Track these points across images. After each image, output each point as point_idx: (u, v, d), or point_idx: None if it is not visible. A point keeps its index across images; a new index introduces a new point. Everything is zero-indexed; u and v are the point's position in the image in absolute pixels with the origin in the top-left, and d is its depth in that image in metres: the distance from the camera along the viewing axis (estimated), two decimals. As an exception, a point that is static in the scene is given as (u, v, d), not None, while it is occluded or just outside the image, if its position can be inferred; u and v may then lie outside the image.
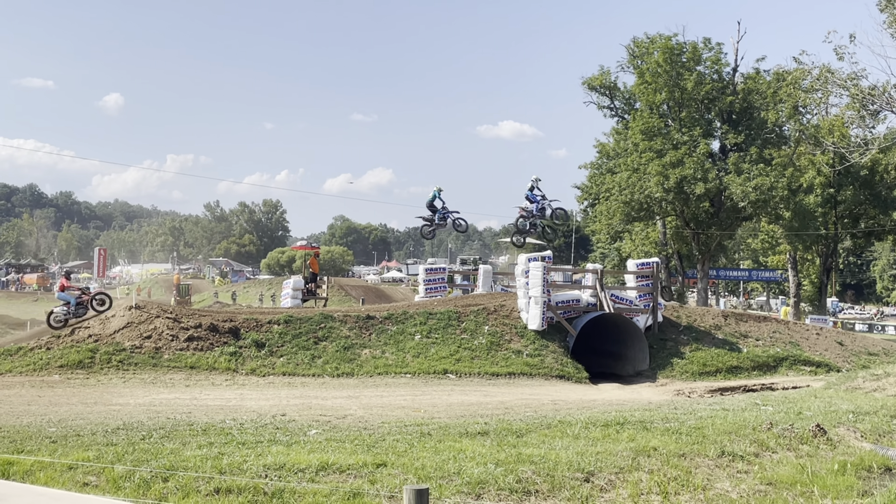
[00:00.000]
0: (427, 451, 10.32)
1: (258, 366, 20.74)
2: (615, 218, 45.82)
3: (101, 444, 10.65)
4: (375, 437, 11.55)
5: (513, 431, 11.98)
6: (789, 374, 25.19)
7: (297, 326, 22.84)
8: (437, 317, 24.60)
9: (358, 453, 10.11)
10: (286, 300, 33.34)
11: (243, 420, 13.27)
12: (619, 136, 49.73)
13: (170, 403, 15.68)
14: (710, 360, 25.33)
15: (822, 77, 42.27)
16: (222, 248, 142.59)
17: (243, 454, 9.91)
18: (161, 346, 20.75)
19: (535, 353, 23.53)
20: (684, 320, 28.01)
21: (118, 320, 21.53)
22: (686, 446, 10.77)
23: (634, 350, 25.67)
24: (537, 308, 24.65)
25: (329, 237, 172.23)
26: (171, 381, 18.92)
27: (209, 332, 21.69)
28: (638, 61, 47.15)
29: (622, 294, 27.88)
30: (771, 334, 28.21)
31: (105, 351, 20.02)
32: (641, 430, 12.02)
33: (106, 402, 15.57)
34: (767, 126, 43.51)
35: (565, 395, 19.78)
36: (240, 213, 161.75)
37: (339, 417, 14.11)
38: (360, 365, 21.57)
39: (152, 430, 11.86)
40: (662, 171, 41.21)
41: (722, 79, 44.92)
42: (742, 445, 11.04)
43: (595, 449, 10.51)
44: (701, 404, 16.42)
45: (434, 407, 16.32)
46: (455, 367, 22.06)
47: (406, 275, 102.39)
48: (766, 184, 40.24)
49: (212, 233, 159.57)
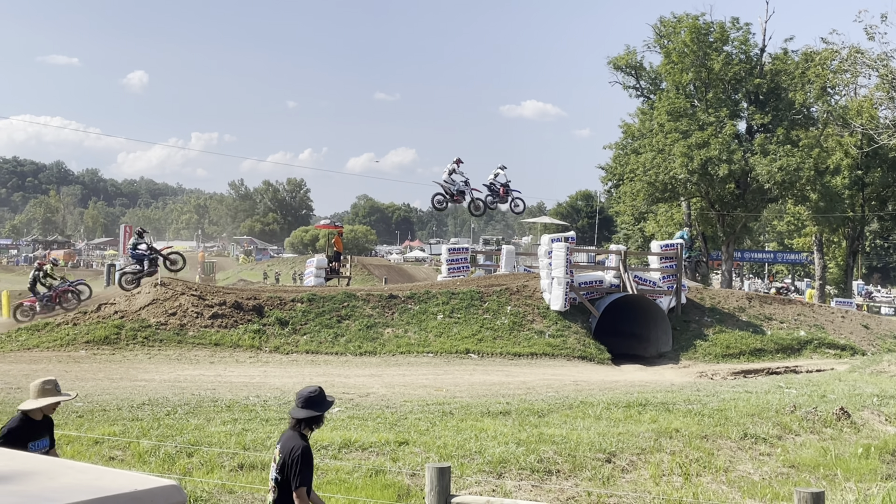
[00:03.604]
0: (449, 430, 10.37)
1: (282, 343, 20.87)
2: (639, 199, 45.49)
3: (127, 419, 10.78)
4: (398, 415, 11.60)
5: (534, 411, 12.00)
6: (813, 356, 25.03)
7: (320, 305, 22.93)
8: (459, 297, 24.61)
9: (380, 431, 10.17)
10: (309, 279, 33.50)
11: (267, 397, 13.38)
12: (644, 116, 49.27)
13: (194, 380, 15.83)
14: (734, 342, 25.20)
15: (852, 57, 41.75)
16: (246, 226, 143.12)
17: (267, 430, 10.00)
18: (186, 322, 20.90)
19: (557, 333, 23.51)
20: (708, 302, 27.86)
21: (143, 297, 21.70)
22: (708, 428, 10.75)
23: (657, 331, 25.58)
24: (560, 289, 24.58)
25: (352, 216, 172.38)
26: (196, 358, 19.08)
27: (233, 310, 21.82)
28: (664, 41, 46.64)
29: (646, 275, 27.74)
30: (795, 317, 28.01)
31: (131, 327, 20.20)
32: (664, 411, 12.00)
33: (131, 378, 15.74)
34: (795, 107, 42.96)
35: (587, 375, 19.78)
36: (264, 192, 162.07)
37: (362, 395, 14.19)
38: (382, 344, 21.65)
39: (177, 405, 11.98)
40: (687, 151, 40.83)
41: (749, 59, 44.36)
42: (765, 428, 11.01)
43: (617, 430, 10.51)
44: (724, 386, 16.37)
45: (456, 386, 16.38)
46: (477, 347, 22.08)
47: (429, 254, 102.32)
48: (793, 165, 39.79)
49: (236, 211, 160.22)
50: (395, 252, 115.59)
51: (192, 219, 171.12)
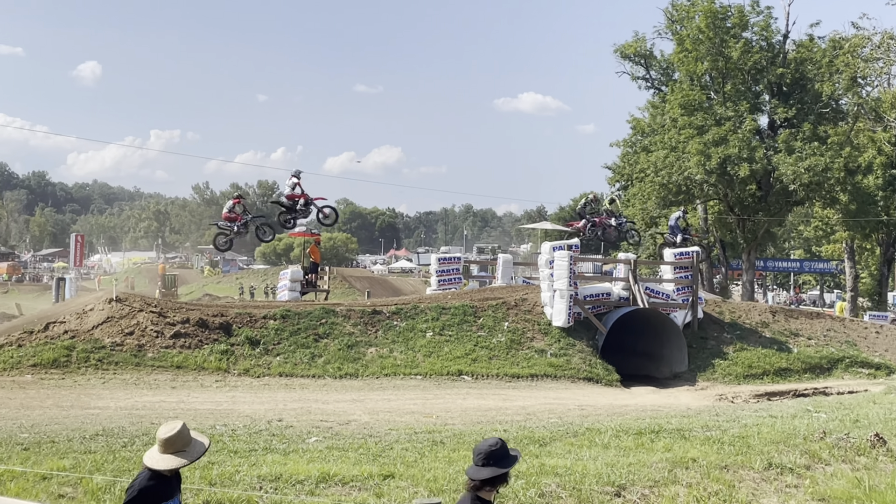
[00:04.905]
0: (439, 462, 10.34)
1: (252, 365, 20.81)
2: (650, 202, 45.62)
3: (79, 451, 10.71)
4: (382, 445, 11.58)
5: (535, 440, 11.99)
6: (845, 376, 25.10)
7: (295, 322, 22.88)
8: (450, 312, 24.61)
9: (363, 463, 10.13)
10: (283, 293, 33.42)
11: (235, 426, 13.32)
12: (655, 110, 49.49)
13: (154, 407, 15.75)
14: (757, 360, 25.25)
15: (885, 44, 42.03)
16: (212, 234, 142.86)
17: (235, 463, 9.95)
18: (144, 343, 20.83)
19: (560, 352, 23.52)
20: (727, 316, 27.93)
21: (97, 315, 21.62)
22: (729, 457, 10.75)
23: (671, 349, 25.62)
24: (563, 302, 24.61)
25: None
26: (156, 382, 19.00)
27: (198, 328, 21.77)
28: (677, 26, 46.85)
29: (658, 287, 27.80)
30: (824, 333, 28.09)
31: (82, 348, 20.11)
32: (679, 438, 12.01)
33: (83, 405, 15.65)
34: (822, 99, 43.15)
35: (594, 399, 19.78)
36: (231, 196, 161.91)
37: (342, 423, 14.16)
38: (365, 365, 21.61)
39: (135, 436, 11.92)
40: (704, 149, 40.97)
41: (771, 47, 44.56)
42: (791, 457, 11.02)
43: (627, 460, 10.51)
44: (746, 410, 16.40)
45: (447, 412, 16.35)
46: (471, 368, 22.08)
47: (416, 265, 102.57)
48: (821, 164, 39.93)
49: (201, 217, 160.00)
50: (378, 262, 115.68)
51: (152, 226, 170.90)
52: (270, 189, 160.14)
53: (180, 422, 5.52)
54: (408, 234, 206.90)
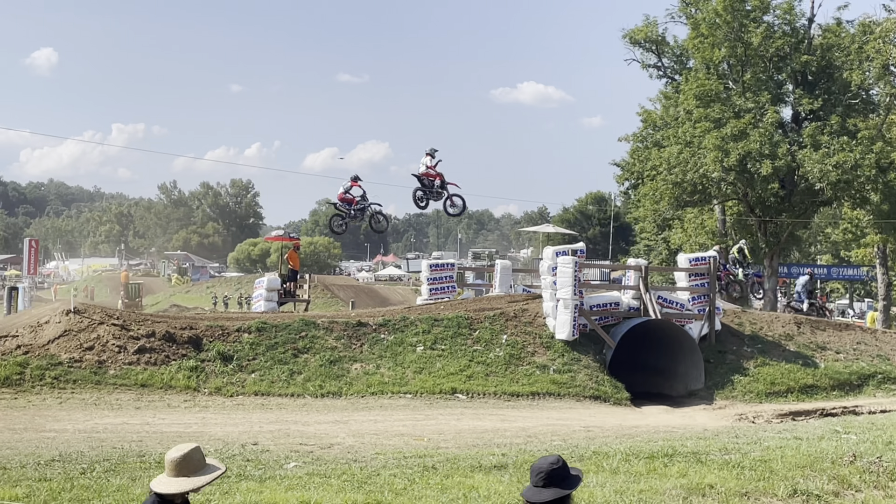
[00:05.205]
0: (431, 489, 10.34)
1: (224, 383, 20.78)
2: (663, 202, 45.69)
3: (33, 479, 10.69)
4: (368, 471, 11.57)
5: (536, 465, 11.98)
6: (877, 394, 25.14)
7: (272, 335, 22.86)
8: (443, 324, 24.60)
9: (346, 491, 10.13)
10: (259, 303, 33.40)
11: (206, 450, 13.29)
12: (668, 101, 49.52)
13: (116, 429, 15.73)
14: (780, 377, 25.27)
15: (919, 29, 42.12)
16: (181, 238, 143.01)
17: (206, 491, 9.94)
18: (105, 359, 20.78)
19: (563, 368, 23.52)
20: (748, 328, 27.95)
21: (53, 328, 21.57)
22: (750, 483, 10.76)
23: (686, 365, 25.63)
24: (567, 313, 24.61)
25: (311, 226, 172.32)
26: (118, 402, 18.96)
27: (164, 343, 21.72)
28: (692, 9, 46.94)
29: (671, 296, 27.81)
30: (854, 346, 28.12)
31: (37, 365, 20.05)
32: (695, 463, 12.02)
33: (38, 428, 15.62)
34: (851, 89, 43.22)
35: (601, 419, 19.79)
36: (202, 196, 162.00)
37: (324, 447, 14.15)
38: (349, 383, 21.59)
39: (94, 462, 11.90)
40: (722, 144, 41.02)
41: (795, 32, 44.65)
42: (818, 482, 11.03)
43: (638, 486, 10.52)
44: (768, 432, 16.42)
45: (440, 434, 16.35)
46: (465, 386, 22.06)
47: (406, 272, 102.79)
48: (850, 160, 39.99)
49: (168, 220, 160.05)
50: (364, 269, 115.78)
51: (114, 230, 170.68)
52: (245, 188, 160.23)
53: (193, 444, 5.53)
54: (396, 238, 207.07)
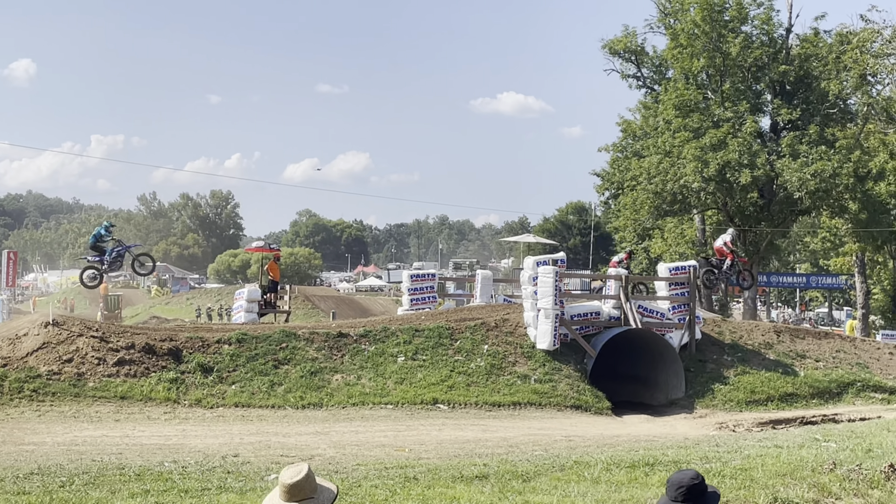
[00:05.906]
0: (413, 500, 10.32)
1: (204, 395, 20.69)
2: (643, 212, 45.88)
3: (11, 492, 10.61)
4: (349, 482, 11.54)
5: (518, 475, 11.99)
6: (856, 402, 25.25)
7: (252, 347, 22.78)
8: (424, 334, 24.58)
9: (327, 502, 10.08)
10: (239, 314, 33.30)
11: (186, 462, 13.25)
12: (647, 111, 49.78)
13: (95, 442, 15.64)
14: (760, 385, 25.34)
15: (896, 39, 42.44)
16: (160, 249, 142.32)
17: (186, 504, 9.90)
18: (85, 371, 20.67)
19: (545, 377, 23.53)
20: (728, 337, 28.03)
21: (31, 340, 21.44)
22: (730, 492, 10.79)
23: (667, 374, 25.68)
24: (548, 323, 24.62)
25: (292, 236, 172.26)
26: (98, 415, 18.86)
27: (144, 355, 21.62)
28: (670, 20, 47.24)
29: (652, 305, 27.86)
30: (834, 354, 28.22)
31: (15, 378, 19.92)
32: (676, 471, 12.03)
33: (16, 441, 15.52)
34: (829, 99, 43.53)
35: (582, 429, 19.80)
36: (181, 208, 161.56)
37: (305, 458, 14.09)
38: (329, 394, 21.54)
39: (74, 475, 11.82)
40: (701, 154, 41.22)
41: (773, 42, 44.93)
42: (799, 491, 11.06)
43: (619, 495, 10.53)
44: (748, 440, 16.46)
45: (421, 445, 16.32)
46: (447, 396, 22.05)
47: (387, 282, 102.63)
48: (828, 169, 40.22)
49: (147, 231, 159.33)
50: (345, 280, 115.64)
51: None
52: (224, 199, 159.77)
53: (305, 464, 5.13)
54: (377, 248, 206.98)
